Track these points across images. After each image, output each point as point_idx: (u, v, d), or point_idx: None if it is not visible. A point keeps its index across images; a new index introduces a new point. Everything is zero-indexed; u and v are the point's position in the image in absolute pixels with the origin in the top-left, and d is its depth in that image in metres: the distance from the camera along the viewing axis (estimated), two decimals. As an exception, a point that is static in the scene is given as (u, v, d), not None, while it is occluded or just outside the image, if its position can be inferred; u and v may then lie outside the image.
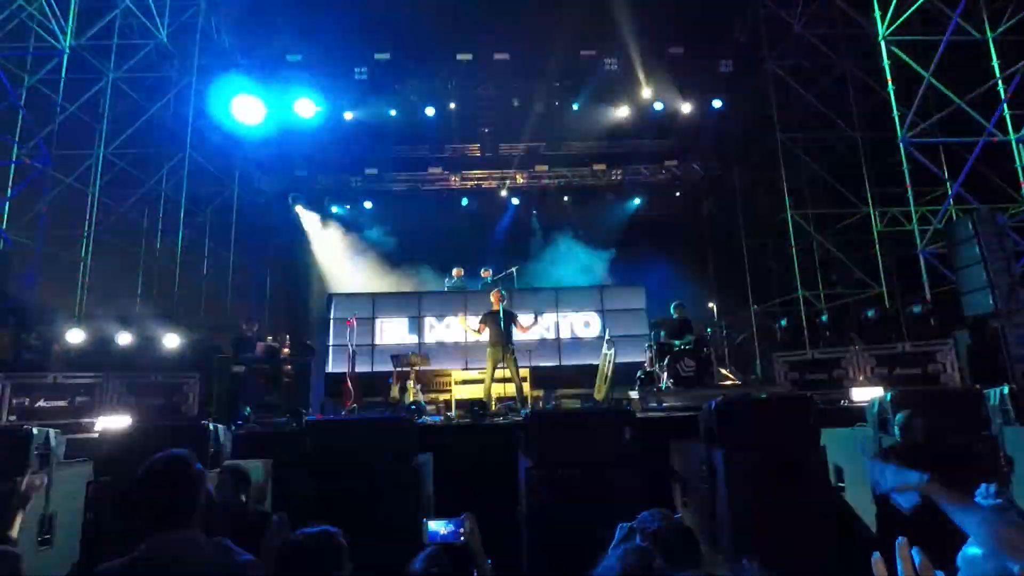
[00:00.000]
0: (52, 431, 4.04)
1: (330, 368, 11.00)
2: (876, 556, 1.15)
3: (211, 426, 4.09)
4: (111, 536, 3.44)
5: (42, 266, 9.11)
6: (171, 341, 9.24)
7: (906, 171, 9.51)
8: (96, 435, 4.79)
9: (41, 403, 6.73)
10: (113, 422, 5.80)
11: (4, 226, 8.89)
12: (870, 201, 11.41)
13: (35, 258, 8.90)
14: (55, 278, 9.29)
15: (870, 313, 9.57)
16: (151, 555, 1.74)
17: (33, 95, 9.63)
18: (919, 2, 9.30)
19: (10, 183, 9.09)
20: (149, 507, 1.85)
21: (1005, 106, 8.56)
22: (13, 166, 9.12)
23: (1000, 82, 8.85)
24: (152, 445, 3.78)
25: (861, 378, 7.55)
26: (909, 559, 1.11)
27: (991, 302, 7.48)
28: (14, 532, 2.97)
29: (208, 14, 11.48)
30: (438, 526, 2.37)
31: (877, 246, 11.19)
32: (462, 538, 2.34)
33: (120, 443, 3.92)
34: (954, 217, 9.04)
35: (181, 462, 1.92)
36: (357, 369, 9.47)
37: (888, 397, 4.36)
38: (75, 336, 8.02)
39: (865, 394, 6.22)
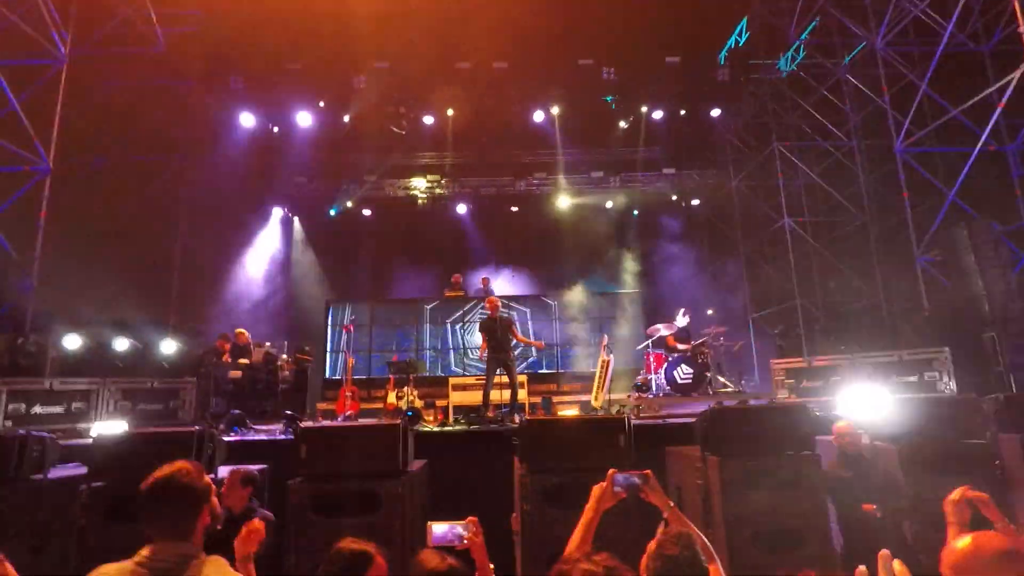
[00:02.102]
0: (47, 437, 4.04)
1: (328, 374, 11.01)
2: (861, 568, 1.17)
3: (207, 431, 4.09)
4: (105, 543, 3.43)
5: (39, 272, 9.09)
6: (168, 347, 9.24)
7: (902, 179, 9.57)
8: (91, 441, 4.78)
9: (37, 409, 6.71)
10: (109, 428, 5.79)
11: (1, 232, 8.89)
12: (867, 208, 11.47)
13: (33, 264, 8.88)
14: (52, 284, 9.27)
15: (867, 321, 9.60)
16: (149, 564, 1.74)
17: (33, 102, 9.64)
18: (913, 14, 9.39)
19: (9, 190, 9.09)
20: (150, 518, 1.85)
21: (1000, 116, 8.60)
22: (13, 172, 9.13)
23: (995, 92, 8.90)
24: (147, 451, 3.81)
25: (857, 385, 7.55)
26: (891, 570, 1.12)
27: (987, 311, 7.51)
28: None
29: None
30: (443, 529, 2.38)
31: (874, 254, 11.24)
32: (465, 542, 2.36)
33: (115, 449, 3.91)
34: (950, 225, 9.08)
35: (186, 475, 1.91)
36: (354, 375, 9.48)
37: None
38: (72, 342, 8.01)
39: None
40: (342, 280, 14.83)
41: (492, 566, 2.40)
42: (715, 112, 13.80)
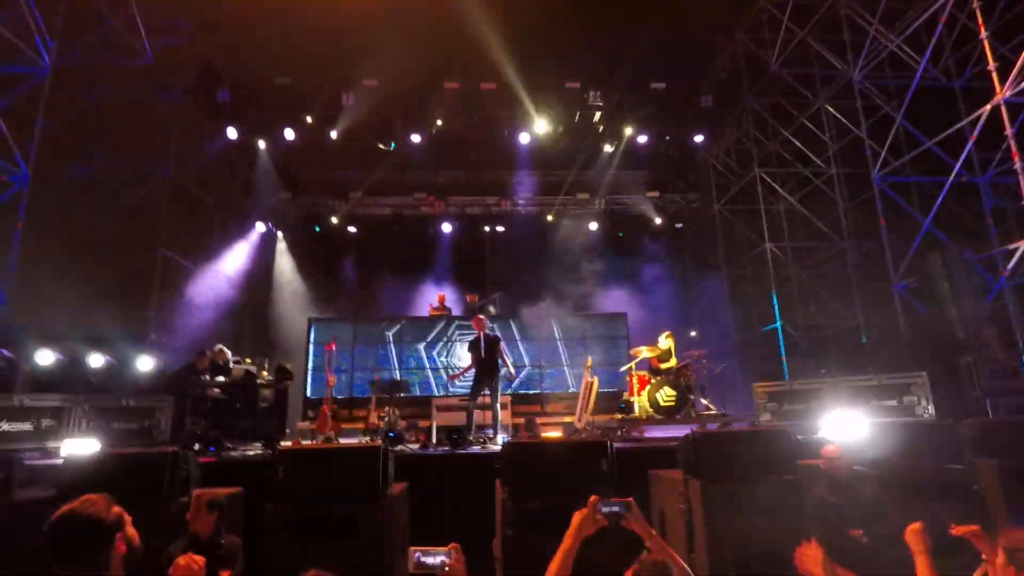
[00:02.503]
0: (15, 456, 3.91)
1: (309, 393, 10.84)
2: None
3: (180, 452, 3.99)
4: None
5: (13, 284, 8.86)
6: (145, 363, 9.05)
7: (879, 207, 9.79)
8: (61, 461, 4.63)
9: (5, 426, 6.49)
10: (80, 447, 5.62)
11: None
12: (846, 235, 11.70)
13: (6, 276, 8.66)
14: (27, 296, 9.04)
15: (847, 345, 9.73)
16: None
17: (13, 110, 9.50)
18: (888, 49, 9.71)
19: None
20: (58, 557, 1.78)
21: (972, 148, 8.87)
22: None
23: (967, 125, 9.19)
24: (119, 473, 3.70)
25: (838, 409, 7.61)
26: None
27: (961, 337, 7.65)
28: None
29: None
30: (426, 556, 2.33)
31: (853, 279, 11.44)
32: (447, 568, 2.32)
33: (85, 470, 3.79)
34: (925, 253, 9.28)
35: (91, 507, 1.84)
36: (336, 395, 9.34)
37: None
38: (45, 357, 7.81)
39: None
40: (325, 297, 14.69)
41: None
42: (699, 138, 14.05)
